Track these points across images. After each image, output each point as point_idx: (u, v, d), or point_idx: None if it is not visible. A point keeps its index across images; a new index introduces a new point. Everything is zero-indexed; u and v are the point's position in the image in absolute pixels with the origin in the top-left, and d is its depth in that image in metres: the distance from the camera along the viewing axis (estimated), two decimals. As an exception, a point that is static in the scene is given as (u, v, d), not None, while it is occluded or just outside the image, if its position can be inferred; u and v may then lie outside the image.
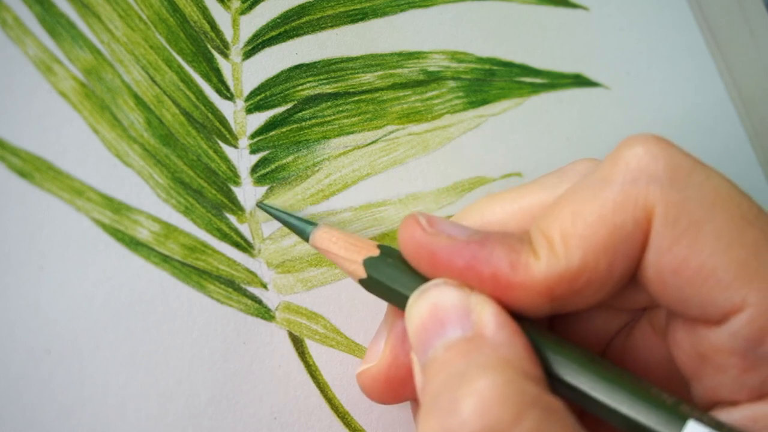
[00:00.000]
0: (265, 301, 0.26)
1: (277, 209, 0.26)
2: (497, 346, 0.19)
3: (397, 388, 0.24)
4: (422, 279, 0.22)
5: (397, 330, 0.24)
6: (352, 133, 0.28)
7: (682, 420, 0.19)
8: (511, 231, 0.22)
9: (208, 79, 0.26)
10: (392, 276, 0.22)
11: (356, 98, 0.29)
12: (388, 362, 0.24)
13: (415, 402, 0.25)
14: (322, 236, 0.25)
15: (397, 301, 0.22)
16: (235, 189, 0.26)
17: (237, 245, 0.26)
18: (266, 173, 0.27)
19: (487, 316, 0.20)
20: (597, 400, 0.20)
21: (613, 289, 0.21)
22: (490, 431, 0.18)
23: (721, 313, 0.19)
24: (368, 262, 0.23)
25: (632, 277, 0.21)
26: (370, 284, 0.23)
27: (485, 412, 0.18)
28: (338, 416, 0.27)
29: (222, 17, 0.27)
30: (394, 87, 0.29)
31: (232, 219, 0.26)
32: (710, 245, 0.19)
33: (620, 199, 0.20)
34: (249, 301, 0.26)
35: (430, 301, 0.21)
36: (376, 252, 0.23)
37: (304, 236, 0.25)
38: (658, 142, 0.20)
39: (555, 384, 0.20)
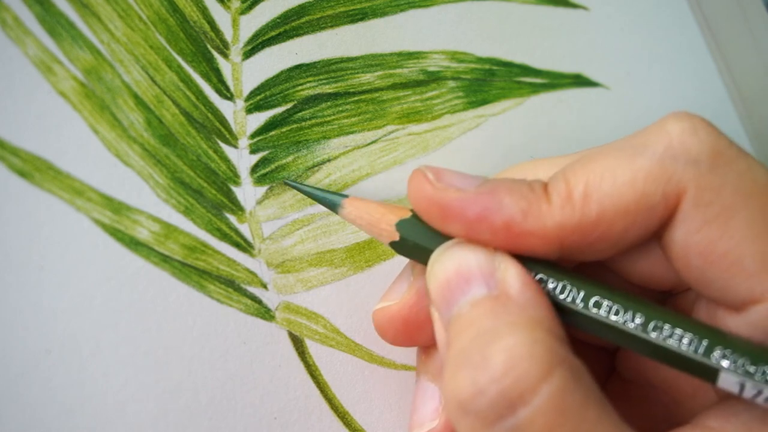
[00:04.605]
0: (265, 301, 0.26)
1: (304, 185, 0.27)
2: (524, 305, 0.20)
3: (413, 331, 0.24)
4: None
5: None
6: (352, 133, 0.28)
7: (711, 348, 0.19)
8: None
9: (208, 79, 0.26)
10: (425, 235, 0.23)
11: (356, 98, 0.29)
12: (410, 303, 0.24)
13: (422, 349, 0.25)
14: (351, 207, 0.25)
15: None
16: (235, 189, 0.26)
17: (237, 245, 0.26)
18: (266, 173, 0.27)
19: (512, 275, 0.20)
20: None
21: (624, 249, 0.21)
22: (520, 386, 0.18)
23: (741, 301, 0.20)
24: (401, 224, 0.23)
25: (646, 242, 0.21)
26: (402, 246, 0.23)
27: (515, 368, 0.18)
28: (338, 416, 0.27)
29: (222, 17, 0.27)
30: (394, 87, 0.29)
31: (232, 219, 0.26)
32: (740, 233, 0.19)
33: (655, 170, 0.20)
34: (249, 301, 0.26)
35: (455, 259, 0.21)
36: (407, 214, 0.23)
37: (335, 209, 0.25)
38: (705, 125, 0.20)
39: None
